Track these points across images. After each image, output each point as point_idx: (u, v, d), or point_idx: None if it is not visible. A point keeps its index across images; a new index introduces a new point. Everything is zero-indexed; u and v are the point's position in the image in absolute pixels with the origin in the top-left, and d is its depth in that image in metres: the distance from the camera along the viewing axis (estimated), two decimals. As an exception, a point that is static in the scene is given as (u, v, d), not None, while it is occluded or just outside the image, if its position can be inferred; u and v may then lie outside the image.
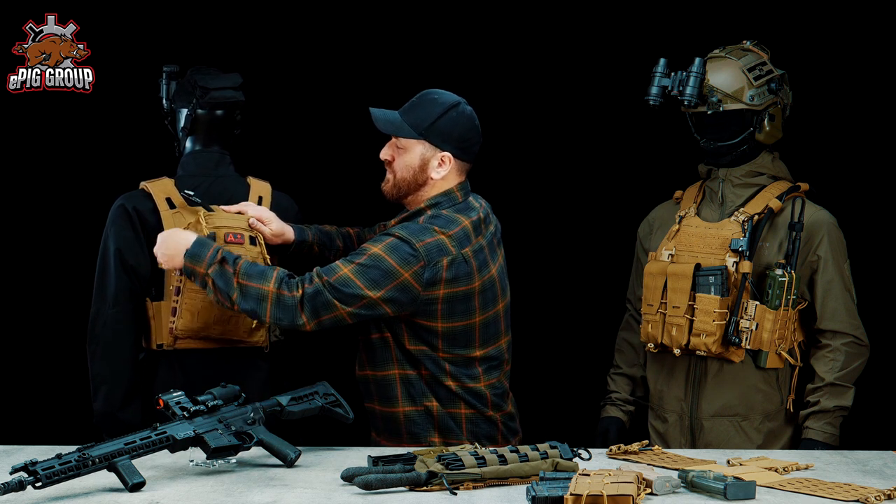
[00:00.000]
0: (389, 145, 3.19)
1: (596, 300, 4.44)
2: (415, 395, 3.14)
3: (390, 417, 3.17)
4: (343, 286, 2.99)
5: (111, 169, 4.29)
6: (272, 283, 3.00)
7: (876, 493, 2.63)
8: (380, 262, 3.01)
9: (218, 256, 3.03)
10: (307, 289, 2.99)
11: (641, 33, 4.40)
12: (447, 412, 3.15)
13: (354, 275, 3.00)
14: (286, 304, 2.99)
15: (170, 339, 3.30)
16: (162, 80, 3.51)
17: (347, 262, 3.03)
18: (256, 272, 3.01)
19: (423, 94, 3.19)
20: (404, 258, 3.01)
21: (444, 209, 3.13)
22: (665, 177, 3.93)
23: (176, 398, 2.84)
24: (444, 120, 3.12)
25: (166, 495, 2.60)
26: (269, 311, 3.00)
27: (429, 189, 3.15)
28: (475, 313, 3.14)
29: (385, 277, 3.00)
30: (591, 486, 2.46)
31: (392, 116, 3.18)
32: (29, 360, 4.47)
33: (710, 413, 3.57)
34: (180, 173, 3.43)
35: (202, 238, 3.09)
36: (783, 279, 3.45)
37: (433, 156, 3.14)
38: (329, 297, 2.99)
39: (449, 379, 3.13)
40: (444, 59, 4.45)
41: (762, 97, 3.55)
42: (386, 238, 3.05)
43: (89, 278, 3.39)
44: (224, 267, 3.02)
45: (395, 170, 3.17)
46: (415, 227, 3.07)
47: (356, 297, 3.00)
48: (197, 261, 3.04)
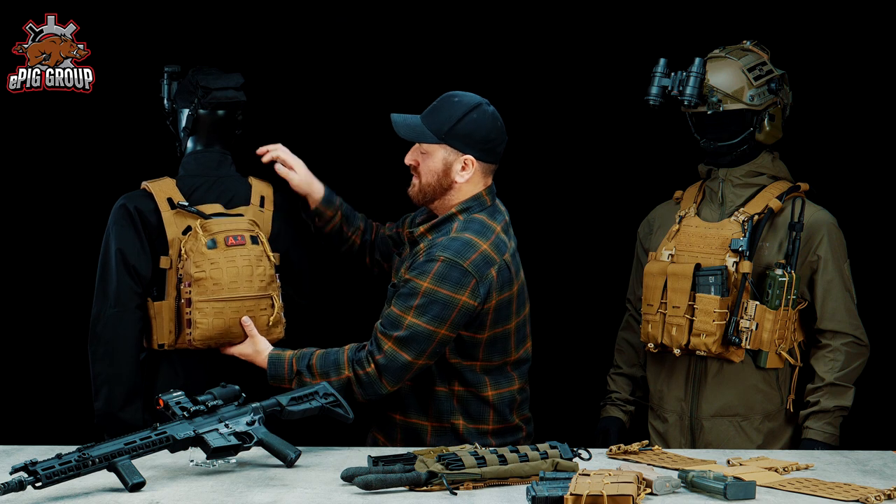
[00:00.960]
0: (413, 150, 3.15)
1: (596, 300, 4.44)
2: (443, 411, 3.13)
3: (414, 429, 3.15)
4: (411, 340, 2.98)
5: (111, 169, 4.29)
6: (346, 368, 3.02)
7: (876, 493, 2.63)
8: (435, 297, 2.98)
9: (294, 370, 3.08)
10: (379, 360, 3.00)
11: (641, 33, 4.40)
12: (474, 428, 3.13)
13: (417, 320, 2.98)
14: (365, 382, 3.02)
15: (170, 340, 3.31)
16: (163, 81, 3.51)
17: (404, 307, 2.99)
18: (331, 365, 3.04)
19: (444, 97, 3.13)
20: (457, 283, 2.98)
21: (475, 213, 3.11)
22: (665, 177, 3.93)
23: (176, 398, 2.84)
24: (464, 123, 3.08)
25: (166, 495, 2.60)
26: (356, 391, 3.03)
27: (456, 193, 3.12)
28: (512, 317, 3.13)
29: (445, 309, 2.98)
30: (591, 486, 2.46)
31: (413, 121, 3.13)
32: (29, 360, 4.47)
33: (710, 413, 3.57)
34: (181, 173, 3.44)
35: (273, 356, 3.13)
36: (783, 279, 3.45)
37: (456, 159, 3.09)
38: (404, 359, 2.99)
39: (487, 388, 3.12)
40: (445, 60, 4.44)
41: (762, 97, 3.55)
42: (431, 266, 3.00)
43: (90, 278, 3.39)
44: (303, 380, 3.07)
45: (420, 174, 3.13)
46: (456, 244, 3.02)
47: (427, 343, 2.99)
48: (280, 381, 3.11)
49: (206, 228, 3.25)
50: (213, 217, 3.30)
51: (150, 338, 3.34)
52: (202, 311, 3.22)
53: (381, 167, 4.45)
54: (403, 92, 4.48)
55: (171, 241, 3.32)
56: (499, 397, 3.13)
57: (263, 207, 3.43)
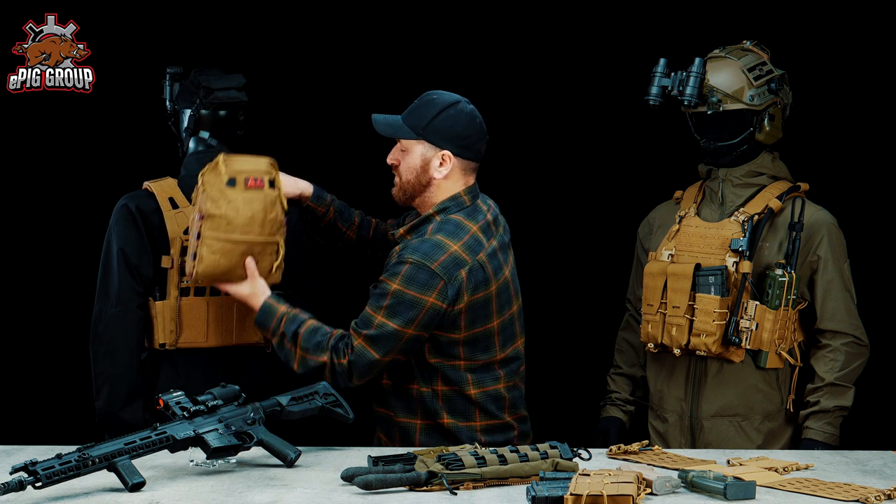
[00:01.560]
0: (395, 150, 3.20)
1: (596, 300, 4.44)
2: (430, 410, 3.14)
3: (405, 427, 3.17)
4: (379, 339, 3.02)
5: (111, 169, 4.29)
6: (326, 354, 3.05)
7: (876, 493, 2.63)
8: (403, 298, 3.01)
9: (280, 330, 3.10)
10: (350, 356, 3.04)
11: (641, 33, 4.40)
12: (464, 425, 3.14)
13: (386, 320, 3.02)
14: (338, 373, 3.06)
15: (171, 340, 3.31)
16: (166, 82, 3.51)
17: (375, 307, 3.05)
18: (314, 345, 3.07)
19: (423, 96, 3.19)
20: (424, 284, 3.02)
21: (451, 214, 3.13)
22: (665, 177, 3.93)
23: (176, 398, 2.84)
24: (441, 118, 3.12)
25: (166, 495, 2.60)
26: (328, 379, 3.08)
27: (434, 191, 3.15)
28: (493, 316, 3.13)
29: (413, 310, 3.01)
30: (591, 486, 2.46)
31: (392, 119, 3.19)
32: (30, 360, 4.47)
33: (710, 413, 3.57)
34: (183, 173, 3.44)
35: (267, 305, 3.15)
36: (783, 279, 3.45)
37: (434, 155, 3.13)
38: (371, 356, 3.03)
39: (470, 387, 3.12)
40: (446, 60, 4.45)
41: (762, 97, 3.55)
42: (400, 268, 3.04)
43: (91, 278, 3.39)
44: (284, 342, 3.09)
45: (400, 173, 3.17)
46: (425, 246, 3.05)
47: (394, 342, 3.03)
48: (264, 330, 3.17)
49: (228, 165, 3.18)
50: (235, 155, 3.25)
51: (152, 338, 3.35)
52: (210, 248, 3.14)
53: (380, 166, 4.45)
54: (403, 92, 4.48)
55: (172, 240, 3.32)
56: (483, 395, 3.14)
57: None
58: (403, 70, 4.46)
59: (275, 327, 3.12)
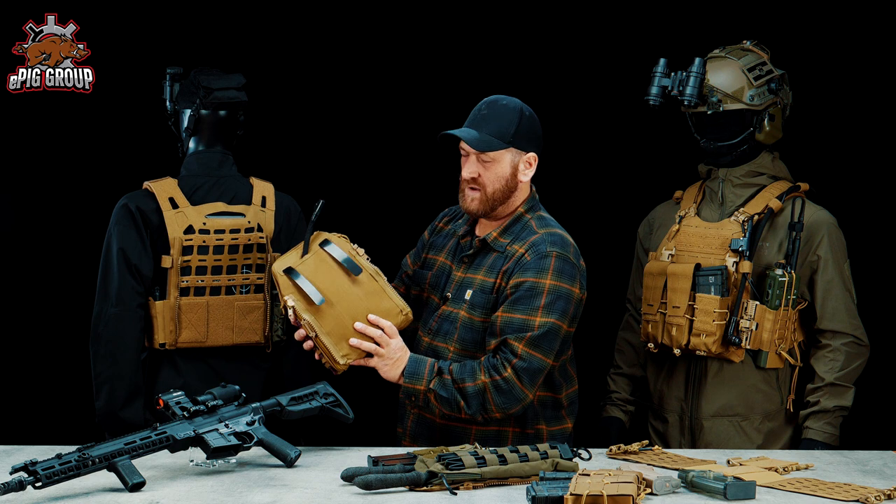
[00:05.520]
0: (471, 163, 3.09)
1: (596, 300, 4.43)
2: (528, 417, 3.10)
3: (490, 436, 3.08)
4: (544, 339, 2.98)
5: (111, 169, 4.29)
6: (482, 374, 2.98)
7: (876, 493, 2.63)
8: (559, 292, 3.01)
9: (435, 369, 3.01)
10: (516, 364, 2.97)
11: (641, 33, 4.40)
12: (557, 430, 3.12)
13: (547, 318, 2.98)
14: (504, 389, 2.97)
15: (171, 339, 3.32)
16: (166, 82, 3.51)
17: (529, 309, 2.99)
18: (467, 372, 2.99)
19: (491, 104, 3.13)
20: (571, 276, 3.04)
21: (538, 211, 3.16)
22: (665, 177, 3.93)
23: (176, 398, 2.84)
24: (524, 122, 3.12)
25: (166, 495, 2.60)
26: (493, 402, 2.98)
27: (518, 194, 3.14)
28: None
29: (568, 304, 3.02)
30: (591, 486, 2.46)
31: (476, 135, 3.08)
32: (29, 360, 4.47)
33: (710, 413, 3.57)
34: (183, 173, 3.44)
35: (415, 356, 3.03)
36: (783, 279, 3.45)
37: (520, 160, 3.12)
38: (540, 360, 2.99)
39: (563, 389, 3.13)
40: (446, 60, 4.45)
41: (762, 97, 3.55)
42: (546, 262, 3.02)
43: (91, 278, 3.39)
44: (443, 378, 3.00)
45: (484, 185, 3.09)
46: (555, 238, 3.06)
47: (556, 340, 3.01)
48: (417, 380, 3.01)
49: None
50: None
51: (152, 337, 3.35)
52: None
53: (381, 166, 4.46)
54: (404, 92, 4.49)
55: (172, 240, 3.32)
56: (568, 397, 3.15)
57: (265, 207, 3.44)
58: (403, 70, 4.46)
59: (430, 371, 3.01)
